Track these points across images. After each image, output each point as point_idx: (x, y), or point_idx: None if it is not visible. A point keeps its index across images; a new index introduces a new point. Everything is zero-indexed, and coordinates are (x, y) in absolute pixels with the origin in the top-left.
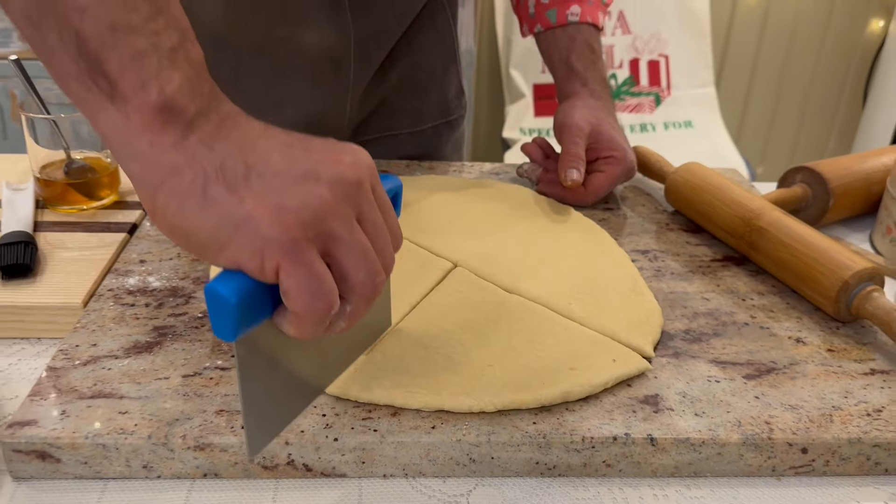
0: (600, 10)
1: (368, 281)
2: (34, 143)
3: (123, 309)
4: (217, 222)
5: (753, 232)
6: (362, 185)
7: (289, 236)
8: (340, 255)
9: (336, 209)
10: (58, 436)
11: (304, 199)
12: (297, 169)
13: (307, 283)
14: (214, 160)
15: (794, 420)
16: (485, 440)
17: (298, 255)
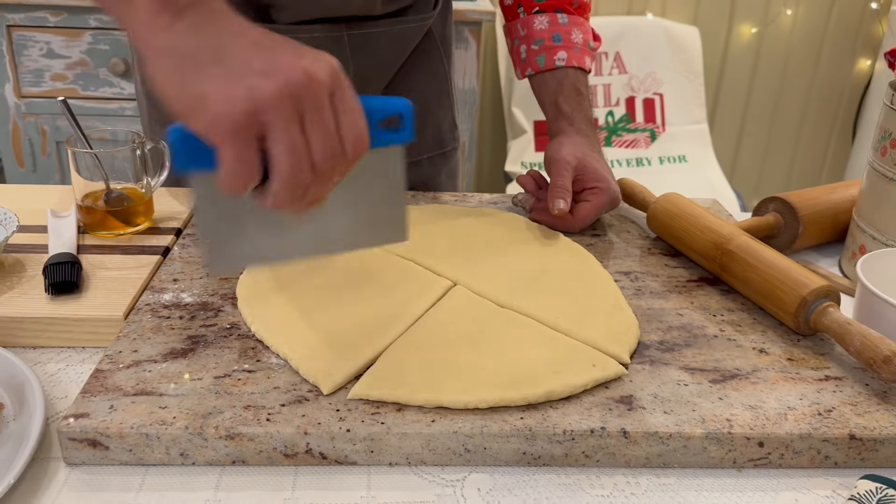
0: (587, 55)
1: (291, 171)
2: (78, 175)
3: (160, 321)
4: (182, 94)
5: (724, 255)
6: (312, 87)
7: (229, 119)
8: (271, 143)
9: (276, 104)
10: (107, 426)
11: (251, 90)
12: (256, 64)
13: (233, 159)
14: (192, 45)
15: (753, 418)
16: (478, 432)
17: (232, 136)
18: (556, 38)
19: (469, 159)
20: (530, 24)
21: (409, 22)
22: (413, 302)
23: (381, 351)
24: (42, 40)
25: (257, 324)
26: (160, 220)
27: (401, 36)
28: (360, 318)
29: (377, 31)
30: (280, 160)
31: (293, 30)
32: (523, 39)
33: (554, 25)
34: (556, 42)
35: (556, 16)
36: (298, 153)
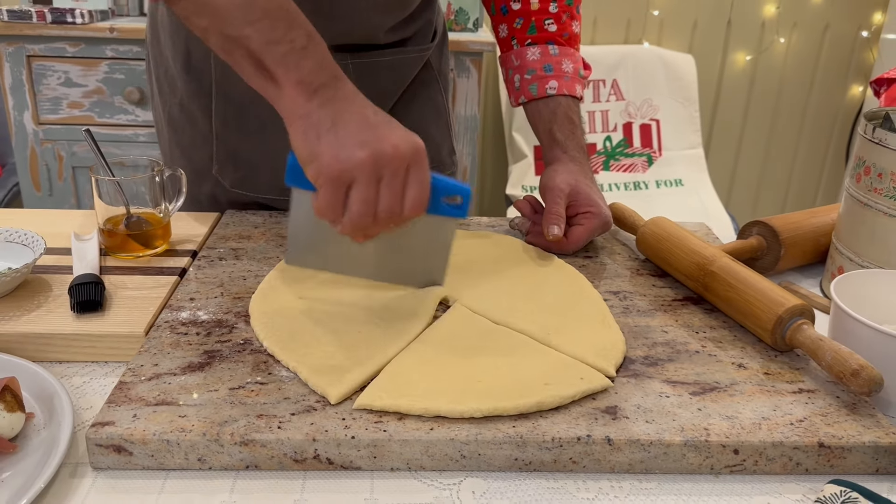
0: (577, 83)
1: (358, 215)
2: (100, 201)
3: (178, 337)
4: (307, 151)
5: (706, 276)
6: (394, 159)
7: (331, 174)
8: (352, 192)
9: (365, 168)
10: (131, 433)
11: (350, 156)
12: (358, 136)
13: (327, 201)
14: (319, 117)
15: (729, 427)
16: (473, 440)
17: (331, 186)
18: (547, 68)
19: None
20: (523, 55)
21: (410, 52)
22: (414, 319)
23: (384, 364)
24: (60, 70)
25: (269, 340)
26: (177, 242)
27: (402, 65)
28: (364, 335)
29: (380, 60)
30: (354, 205)
31: None
32: (517, 69)
33: (545, 56)
34: (548, 72)
35: (547, 47)
36: (368, 204)
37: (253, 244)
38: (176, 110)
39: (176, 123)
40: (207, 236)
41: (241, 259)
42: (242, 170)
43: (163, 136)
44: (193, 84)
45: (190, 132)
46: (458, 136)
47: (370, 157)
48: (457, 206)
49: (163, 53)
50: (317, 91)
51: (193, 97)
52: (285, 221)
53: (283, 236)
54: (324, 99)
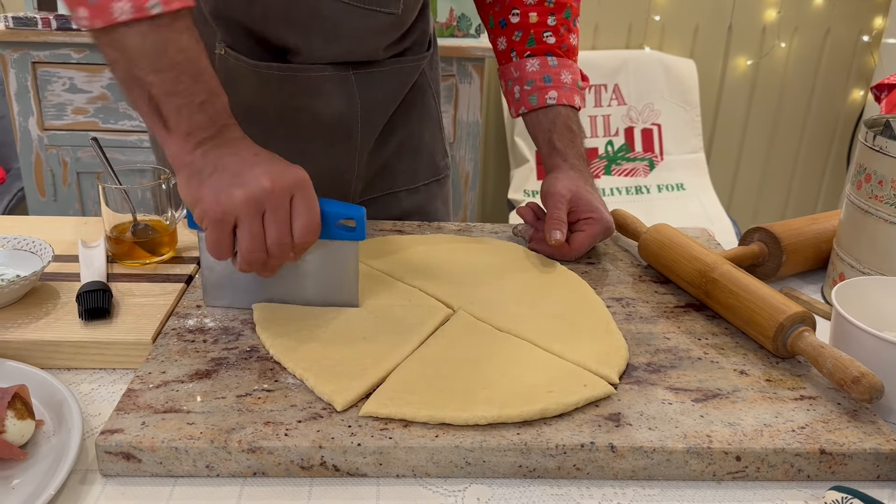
0: (576, 94)
1: (249, 250)
2: (107, 208)
3: (185, 344)
4: (190, 197)
5: (708, 283)
6: (273, 193)
7: (214, 216)
8: (238, 230)
9: (245, 206)
10: (140, 440)
11: (229, 197)
12: (238, 178)
13: (214, 242)
14: (201, 165)
15: (731, 434)
16: (478, 447)
17: (215, 228)
18: (546, 79)
19: (473, 188)
20: (522, 67)
21: (407, 62)
22: (418, 327)
23: (389, 372)
24: (65, 76)
25: (275, 348)
26: (183, 249)
27: (400, 74)
28: (369, 343)
29: (380, 70)
30: (242, 242)
31: (306, 69)
32: (516, 81)
33: (544, 67)
34: (547, 83)
35: (546, 59)
36: (255, 239)
37: None
38: None
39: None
40: None
41: None
42: None
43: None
44: None
45: None
46: (460, 142)
47: (248, 195)
48: (351, 229)
49: None
50: (202, 142)
51: None
52: None
53: None
54: (207, 148)
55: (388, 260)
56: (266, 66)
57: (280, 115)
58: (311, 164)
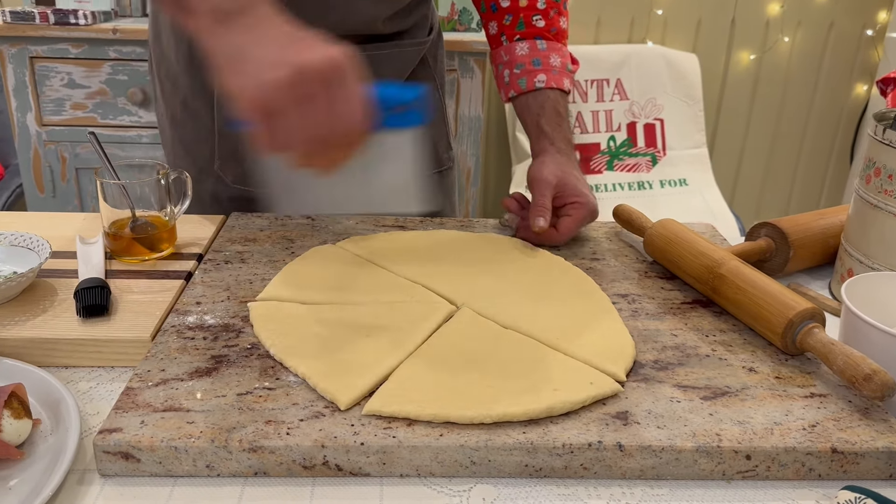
0: (565, 77)
1: (294, 137)
2: (105, 204)
3: (185, 341)
4: (230, 87)
5: (715, 278)
6: (321, 73)
7: (255, 104)
8: (283, 117)
9: (284, 88)
10: (139, 440)
11: (265, 80)
12: (271, 57)
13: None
14: (237, 46)
15: (741, 432)
16: (483, 446)
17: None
18: (535, 63)
19: (474, 184)
20: (512, 51)
21: (406, 46)
22: (421, 323)
23: (393, 370)
24: (63, 71)
25: (276, 347)
26: (182, 245)
27: (399, 58)
28: (371, 340)
29: (379, 53)
30: (288, 129)
31: None
32: (506, 64)
33: (534, 51)
34: (536, 66)
35: (535, 42)
36: (301, 126)
37: (258, 247)
38: (179, 108)
39: (179, 121)
40: (213, 239)
41: (247, 262)
42: (244, 165)
43: (165, 134)
44: (196, 80)
45: (193, 129)
46: (461, 137)
47: (288, 78)
48: (410, 114)
49: (165, 53)
50: (230, 17)
51: (196, 94)
52: (291, 224)
53: (288, 238)
54: (240, 26)
55: (390, 256)
56: None
57: None
58: None
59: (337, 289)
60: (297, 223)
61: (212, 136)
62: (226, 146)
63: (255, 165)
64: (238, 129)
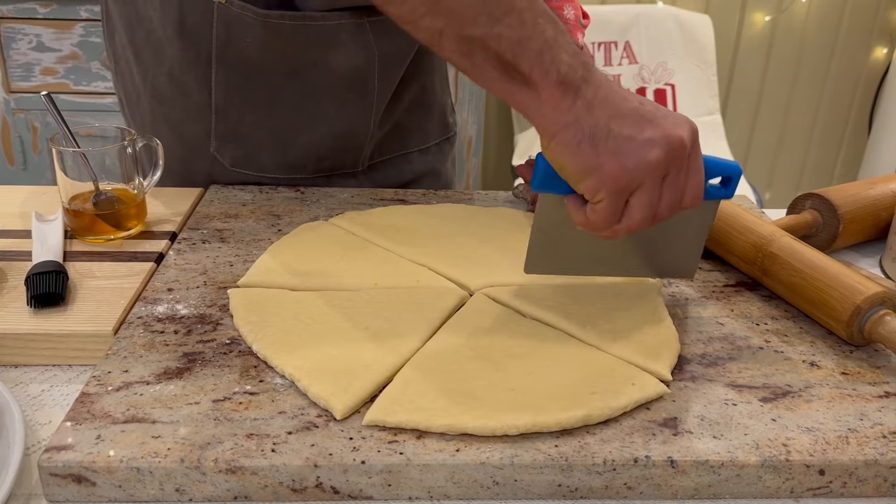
0: (579, 31)
1: (639, 223)
2: (64, 176)
3: (153, 336)
4: (580, 166)
5: (765, 258)
6: (681, 153)
7: (618, 186)
8: (636, 198)
9: (655, 169)
10: (93, 460)
11: (639, 161)
12: (642, 135)
13: (608, 214)
14: (590, 122)
15: (811, 442)
16: (508, 463)
17: (617, 198)
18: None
19: (476, 154)
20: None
21: None
22: (429, 313)
23: (397, 370)
24: (31, 33)
25: (259, 342)
26: (154, 223)
27: None
28: (372, 332)
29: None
30: (636, 211)
31: (321, 16)
32: None
33: (548, 1)
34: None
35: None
36: (653, 206)
37: (241, 224)
38: (163, 80)
39: (163, 95)
40: (189, 215)
41: (228, 242)
42: (245, 147)
43: (140, 108)
44: (189, 51)
45: (182, 105)
46: (462, 105)
47: (663, 157)
48: (724, 187)
49: (141, 14)
50: (579, 90)
51: (188, 66)
52: (278, 198)
53: (275, 214)
54: (588, 98)
55: (390, 234)
56: (278, 15)
57: (289, 72)
58: (323, 126)
59: (330, 273)
60: (284, 196)
61: (206, 114)
62: (224, 125)
63: (536, 218)
64: (550, 192)
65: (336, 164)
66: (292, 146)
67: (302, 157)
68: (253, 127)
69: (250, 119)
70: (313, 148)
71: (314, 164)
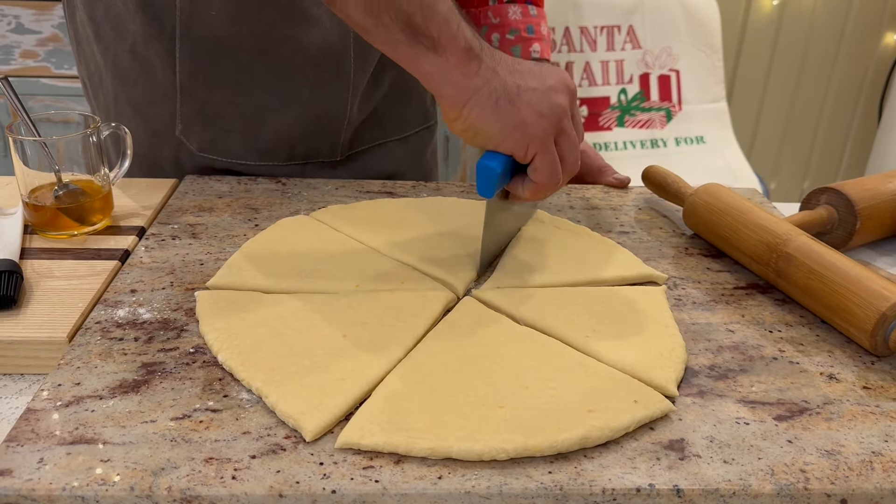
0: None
1: (574, 162)
2: (23, 166)
3: (111, 343)
4: (504, 123)
5: (780, 258)
6: (575, 93)
7: (545, 134)
8: (561, 141)
9: (566, 111)
10: (33, 487)
11: (552, 106)
12: (544, 86)
13: (552, 164)
14: (499, 83)
15: (832, 468)
16: (496, 492)
17: (549, 146)
18: (530, 30)
19: (467, 146)
20: (504, 14)
21: None
22: (414, 319)
23: (376, 383)
24: (10, 14)
25: (225, 352)
26: (121, 217)
27: None
28: (350, 342)
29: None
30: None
31: None
32: (495, 27)
33: (527, 17)
34: (531, 34)
35: (527, 7)
36: (576, 145)
37: (215, 218)
38: (125, 58)
39: (125, 75)
40: (160, 209)
41: (200, 238)
42: (212, 130)
43: (103, 90)
44: (152, 26)
45: (146, 85)
46: None
47: (567, 100)
48: None
49: None
50: (481, 55)
51: (151, 42)
52: (257, 189)
53: (252, 208)
54: (489, 63)
55: (375, 230)
56: None
57: (259, 49)
58: (296, 108)
59: (308, 273)
60: (264, 188)
61: (172, 95)
62: (189, 107)
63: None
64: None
65: (311, 152)
66: (263, 129)
67: (273, 141)
68: (221, 108)
69: (218, 99)
70: (285, 132)
71: (287, 151)
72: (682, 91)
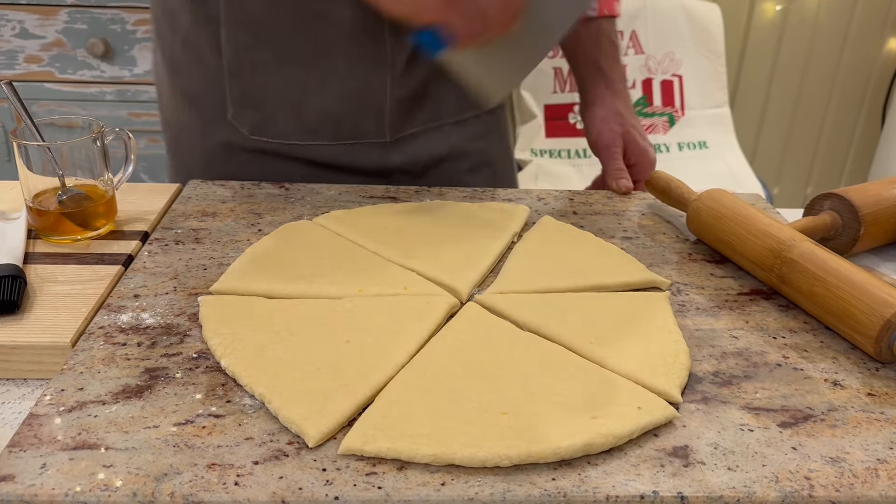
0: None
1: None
2: (27, 171)
3: (114, 349)
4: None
5: (784, 264)
6: None
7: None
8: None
9: None
10: (35, 492)
11: None
12: None
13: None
14: None
15: (837, 475)
16: (499, 499)
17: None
18: None
19: None
20: None
21: None
22: (416, 325)
23: (379, 389)
24: (14, 19)
25: (229, 357)
26: (124, 222)
27: None
28: (353, 347)
29: None
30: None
31: None
32: None
33: None
34: None
35: None
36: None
37: (219, 223)
38: (178, 50)
39: (179, 66)
40: (163, 214)
41: (203, 242)
42: (261, 111)
43: (163, 88)
44: (199, 13)
45: (197, 74)
46: None
47: None
48: None
49: None
50: None
51: (199, 28)
52: (260, 194)
53: (256, 213)
54: None
55: (378, 235)
56: None
57: (296, 26)
58: (336, 86)
59: (311, 279)
60: (267, 193)
61: (220, 80)
62: (238, 88)
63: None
64: (423, 43)
65: (356, 131)
66: (305, 107)
67: (317, 119)
68: (266, 89)
69: (262, 80)
70: (327, 109)
71: (332, 129)
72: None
